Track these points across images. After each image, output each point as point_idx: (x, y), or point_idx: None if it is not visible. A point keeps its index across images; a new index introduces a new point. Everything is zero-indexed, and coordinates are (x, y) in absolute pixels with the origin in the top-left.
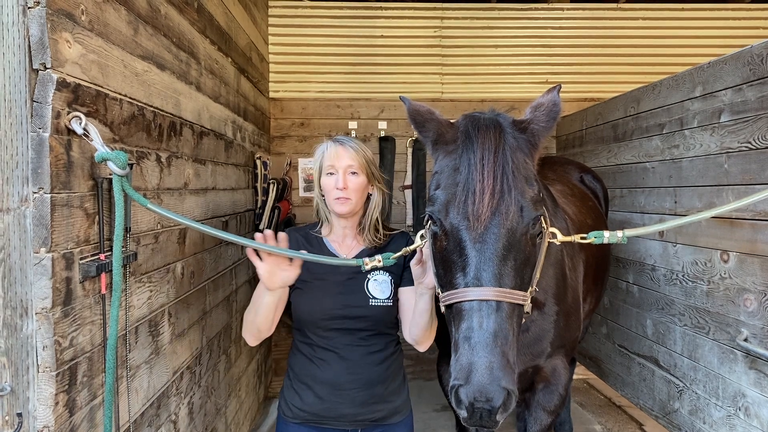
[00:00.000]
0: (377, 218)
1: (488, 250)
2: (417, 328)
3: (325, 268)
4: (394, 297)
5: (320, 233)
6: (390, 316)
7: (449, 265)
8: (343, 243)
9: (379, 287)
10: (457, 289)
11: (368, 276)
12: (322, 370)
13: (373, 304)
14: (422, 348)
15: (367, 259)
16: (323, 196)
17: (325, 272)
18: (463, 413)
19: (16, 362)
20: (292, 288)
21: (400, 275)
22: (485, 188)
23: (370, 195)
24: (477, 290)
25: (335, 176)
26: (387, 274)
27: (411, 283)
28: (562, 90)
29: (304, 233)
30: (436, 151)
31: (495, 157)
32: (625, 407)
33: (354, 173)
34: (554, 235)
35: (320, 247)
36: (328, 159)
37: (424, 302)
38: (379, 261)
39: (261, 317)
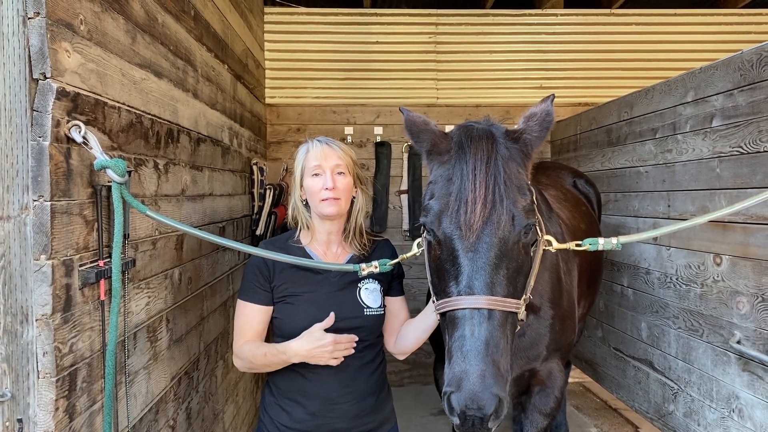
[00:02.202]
0: (361, 222)
1: (480, 259)
2: (414, 342)
3: (315, 279)
4: (384, 305)
5: (300, 242)
6: (381, 326)
7: (443, 274)
8: (329, 250)
9: (371, 296)
10: (450, 297)
11: (359, 285)
12: (315, 385)
13: (368, 313)
14: (402, 357)
15: (363, 265)
16: (304, 199)
17: (316, 283)
18: (455, 420)
19: (17, 368)
20: (278, 302)
21: (388, 284)
22: (477, 198)
23: (354, 198)
24: (469, 299)
25: (322, 177)
26: (377, 282)
27: (398, 293)
28: (556, 95)
29: (282, 246)
30: (431, 161)
31: (487, 167)
32: (621, 410)
33: (341, 173)
34: (550, 243)
35: (304, 257)
36: (314, 159)
37: (434, 320)
38: (376, 267)
39: (275, 369)
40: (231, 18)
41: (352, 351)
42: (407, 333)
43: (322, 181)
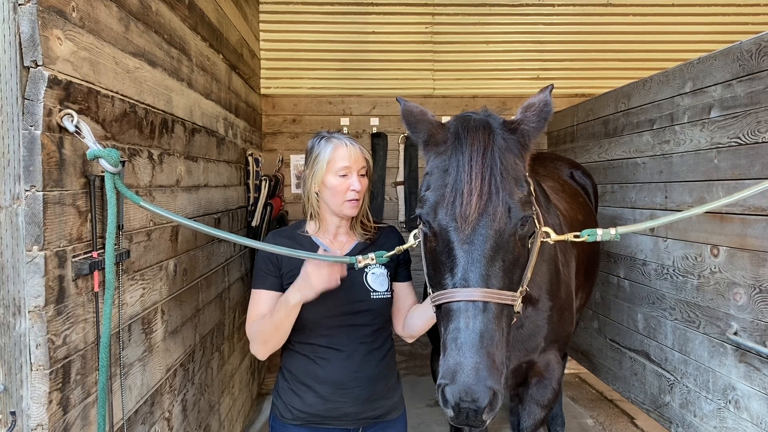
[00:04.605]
0: (367, 211)
1: (476, 251)
2: (421, 326)
3: None
4: (391, 290)
5: (306, 232)
6: (389, 310)
7: (438, 266)
8: (335, 240)
9: (377, 280)
10: (445, 289)
11: (365, 270)
12: (325, 370)
13: (375, 297)
14: (410, 341)
15: (360, 257)
16: (317, 193)
17: None
18: (449, 412)
19: (9, 361)
20: (287, 288)
21: (395, 269)
22: (473, 190)
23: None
24: (464, 291)
25: (349, 178)
26: (383, 267)
27: (405, 278)
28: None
29: (289, 235)
30: (427, 152)
31: (483, 158)
32: (617, 401)
33: (363, 175)
34: (548, 235)
35: (311, 248)
36: (342, 160)
37: None
38: (372, 259)
39: (285, 330)
40: (226, 7)
41: (345, 273)
42: (414, 318)
43: (349, 182)
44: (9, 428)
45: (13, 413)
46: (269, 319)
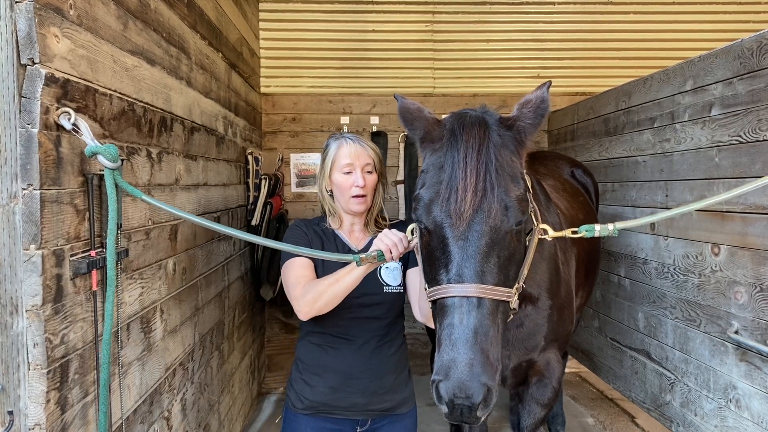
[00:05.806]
0: (382, 207)
1: (470, 248)
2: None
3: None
4: (404, 284)
5: (331, 226)
6: (401, 303)
7: (434, 262)
8: (352, 236)
9: (391, 275)
10: (440, 285)
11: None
12: (335, 359)
13: (387, 291)
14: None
15: (363, 255)
16: (329, 191)
17: (338, 264)
18: (444, 409)
19: (7, 360)
20: None
21: (407, 258)
22: (468, 186)
23: (376, 190)
24: (458, 287)
25: (353, 174)
26: (397, 261)
27: (416, 264)
28: (553, 84)
29: (317, 226)
30: (424, 149)
31: (479, 155)
32: (617, 400)
33: (369, 172)
34: (545, 231)
35: (335, 240)
36: (346, 157)
37: None
38: (374, 257)
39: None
40: (225, 5)
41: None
42: (421, 296)
43: (353, 178)
44: (6, 428)
45: (10, 413)
46: (325, 282)
